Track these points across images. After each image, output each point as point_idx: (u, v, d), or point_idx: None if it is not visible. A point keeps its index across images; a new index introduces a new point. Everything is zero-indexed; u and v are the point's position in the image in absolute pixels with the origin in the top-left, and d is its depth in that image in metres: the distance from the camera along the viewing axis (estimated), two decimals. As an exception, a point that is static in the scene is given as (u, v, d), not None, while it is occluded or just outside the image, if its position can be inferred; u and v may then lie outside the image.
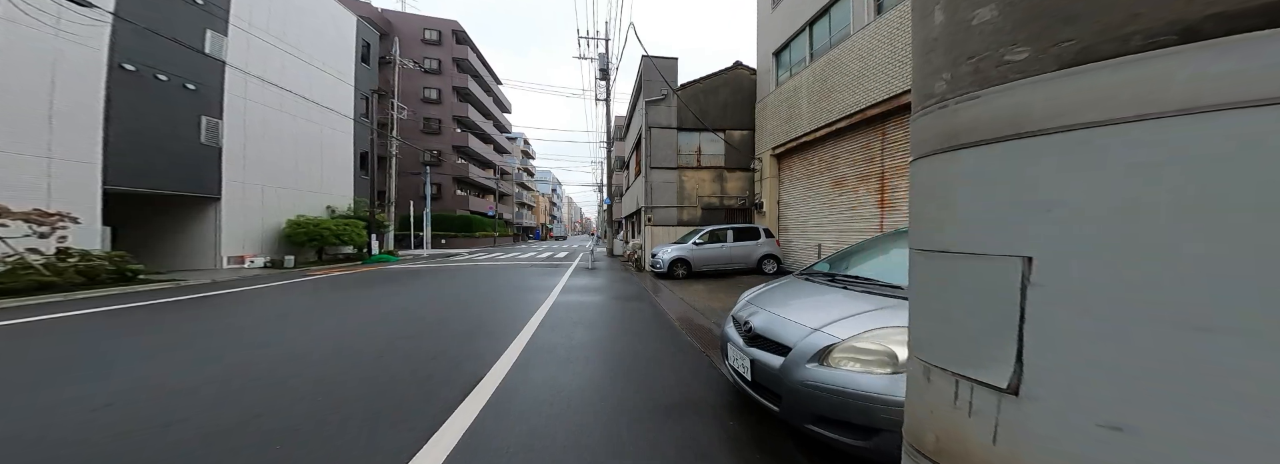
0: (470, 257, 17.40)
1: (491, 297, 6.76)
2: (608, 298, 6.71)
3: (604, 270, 11.69)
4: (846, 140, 7.79)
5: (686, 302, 6.25)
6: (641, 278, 9.79)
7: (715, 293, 7.06)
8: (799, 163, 9.49)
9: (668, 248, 9.56)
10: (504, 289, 7.73)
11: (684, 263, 9.26)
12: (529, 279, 9.42)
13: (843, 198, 7.89)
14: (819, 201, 8.71)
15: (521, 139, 56.26)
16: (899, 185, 6.48)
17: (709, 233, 9.50)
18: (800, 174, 9.46)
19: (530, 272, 11.20)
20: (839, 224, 8.07)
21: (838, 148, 8.03)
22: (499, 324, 4.70)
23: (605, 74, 20.71)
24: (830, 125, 7.82)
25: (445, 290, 7.47)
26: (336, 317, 5.25)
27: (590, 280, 9.19)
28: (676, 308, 5.75)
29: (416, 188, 23.49)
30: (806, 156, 9.18)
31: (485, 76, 35.18)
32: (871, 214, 7.09)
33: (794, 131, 9.16)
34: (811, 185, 9.01)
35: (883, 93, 6.44)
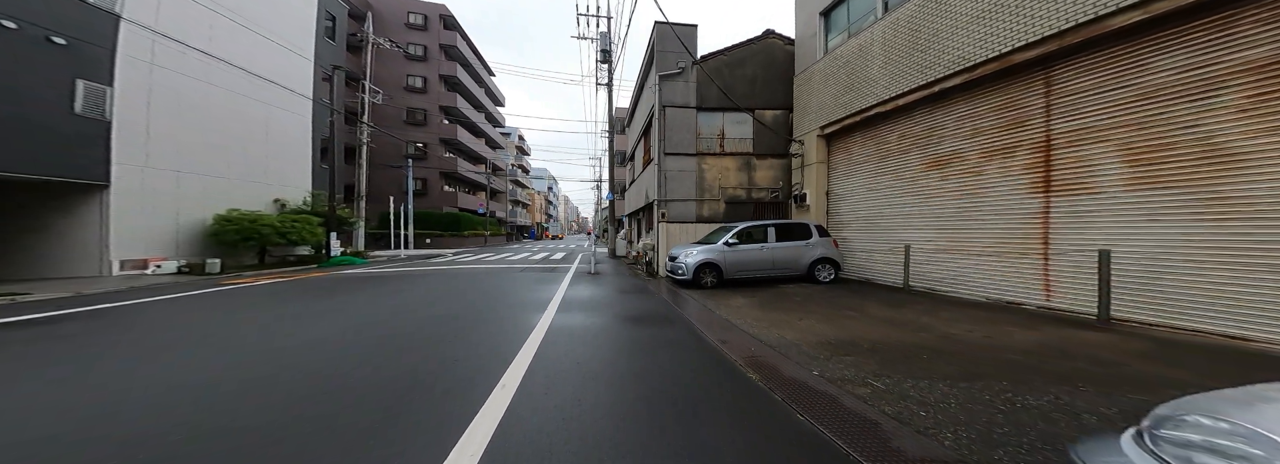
0: (454, 258, 15.44)
1: (458, 319, 4.86)
2: (625, 321, 4.84)
3: (609, 275, 9.81)
4: (960, 103, 5.81)
5: (739, 327, 4.39)
6: (657, 286, 7.93)
7: (772, 311, 5.20)
8: (864, 143, 7.63)
9: (691, 249, 7.69)
10: (480, 306, 5.83)
11: (713, 268, 7.40)
12: (517, 289, 7.52)
13: (950, 183, 6.01)
14: (900, 190, 6.84)
15: (516, 135, 54.31)
16: (1083, 155, 4.46)
17: (744, 231, 7.64)
18: (866, 156, 7.61)
19: (520, 278, 9.29)
20: (942, 216, 6.13)
21: (942, 115, 6.08)
22: (454, 379, 2.82)
23: (607, 56, 18.86)
24: (930, 87, 5.92)
25: (398, 308, 5.55)
26: (175, 363, 3.34)
27: (595, 290, 7.31)
28: (732, 339, 3.88)
29: (398, 182, 21.50)
30: (877, 134, 7.30)
31: (476, 66, 33.26)
32: (1020, 200, 5.06)
33: (856, 103, 7.31)
34: (885, 169, 7.16)
35: (1053, 22, 4.37)
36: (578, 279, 9.00)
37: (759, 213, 10.45)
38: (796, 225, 7.66)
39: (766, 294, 6.53)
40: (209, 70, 11.28)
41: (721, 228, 8.58)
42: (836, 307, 5.32)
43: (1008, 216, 5.25)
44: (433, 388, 2.66)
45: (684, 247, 8.29)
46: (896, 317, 4.67)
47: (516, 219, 49.22)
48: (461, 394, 2.55)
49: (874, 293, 6.38)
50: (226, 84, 11.67)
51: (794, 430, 2.08)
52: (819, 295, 6.23)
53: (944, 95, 5.89)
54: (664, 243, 10.08)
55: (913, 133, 6.54)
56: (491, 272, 10.56)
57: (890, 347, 3.51)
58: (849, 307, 5.31)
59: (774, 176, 10.39)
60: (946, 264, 5.97)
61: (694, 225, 10.17)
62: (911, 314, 4.77)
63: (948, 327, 4.16)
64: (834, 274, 7.37)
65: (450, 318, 4.79)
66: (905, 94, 6.26)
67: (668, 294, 6.93)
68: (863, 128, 7.53)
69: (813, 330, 4.08)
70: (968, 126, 5.70)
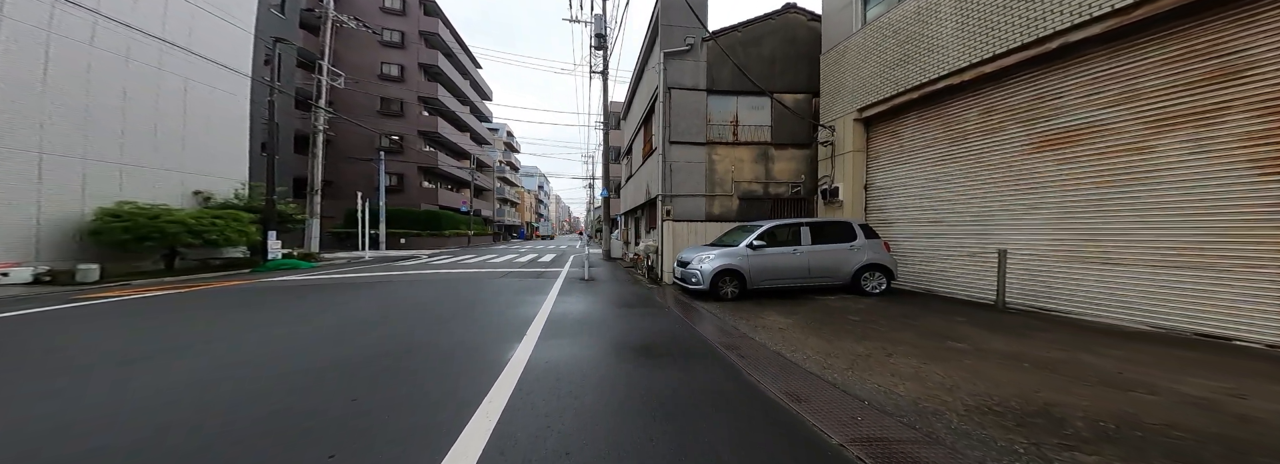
0: (427, 261, 13.87)
1: (389, 361, 3.44)
2: (635, 355, 3.50)
3: (605, 282, 8.46)
4: (1098, 59, 4.34)
5: (803, 367, 3.10)
6: (663, 296, 6.63)
7: (834, 337, 3.91)
8: (923, 124, 6.31)
9: (706, 253, 6.39)
10: (434, 333, 4.42)
11: (734, 276, 6.11)
12: (492, 303, 6.11)
13: (1080, 167, 4.54)
14: (986, 179, 5.47)
15: (504, 131, 52.49)
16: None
17: (771, 231, 6.37)
18: (926, 140, 6.28)
19: (499, 287, 7.87)
20: (1066, 212, 4.66)
21: (1059, 80, 4.67)
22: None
23: (602, 41, 17.53)
24: (1043, 43, 4.54)
25: (307, 340, 4.09)
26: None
27: (589, 303, 5.95)
28: (807, 394, 2.58)
29: (370, 177, 19.73)
30: (945, 112, 5.97)
31: (460, 57, 31.56)
32: (1229, 186, 3.61)
33: (910, 78, 6.07)
34: (958, 155, 5.83)
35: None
36: (569, 287, 7.62)
37: (777, 211, 9.22)
38: (836, 225, 6.43)
39: (808, 310, 5.25)
40: (96, 30, 9.40)
41: (740, 227, 7.30)
42: (923, 333, 4.02)
43: (1202, 211, 3.74)
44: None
45: (696, 250, 6.99)
46: (1037, 354, 3.28)
47: (504, 218, 47.43)
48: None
49: (953, 311, 5.06)
50: (113, 46, 9.65)
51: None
52: (880, 313, 4.96)
53: (1066, 52, 4.51)
54: (669, 245, 8.77)
55: (1006, 106, 5.20)
56: (466, 278, 9.08)
57: (1126, 423, 2.09)
58: (940, 333, 4.01)
59: (795, 169, 9.17)
60: (1073, 276, 4.54)
61: (703, 224, 8.89)
62: (1055, 350, 3.39)
63: (1169, 381, 2.67)
64: (886, 284, 6.13)
65: (375, 361, 3.20)
66: (995, 59, 4.98)
67: (680, 308, 5.61)
68: (922, 106, 6.29)
69: (931, 378, 2.77)
70: (1112, 90, 4.26)
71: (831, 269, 6.15)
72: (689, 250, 7.12)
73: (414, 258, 15.27)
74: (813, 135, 9.02)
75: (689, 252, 7.01)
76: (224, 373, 2.97)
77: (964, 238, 5.84)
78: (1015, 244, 5.14)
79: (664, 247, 9.02)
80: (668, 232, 8.83)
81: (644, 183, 11.86)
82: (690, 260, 6.56)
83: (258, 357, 3.35)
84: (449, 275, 9.48)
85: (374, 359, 3.26)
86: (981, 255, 5.56)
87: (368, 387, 2.69)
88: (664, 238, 9.03)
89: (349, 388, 2.67)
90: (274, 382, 2.78)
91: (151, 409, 2.35)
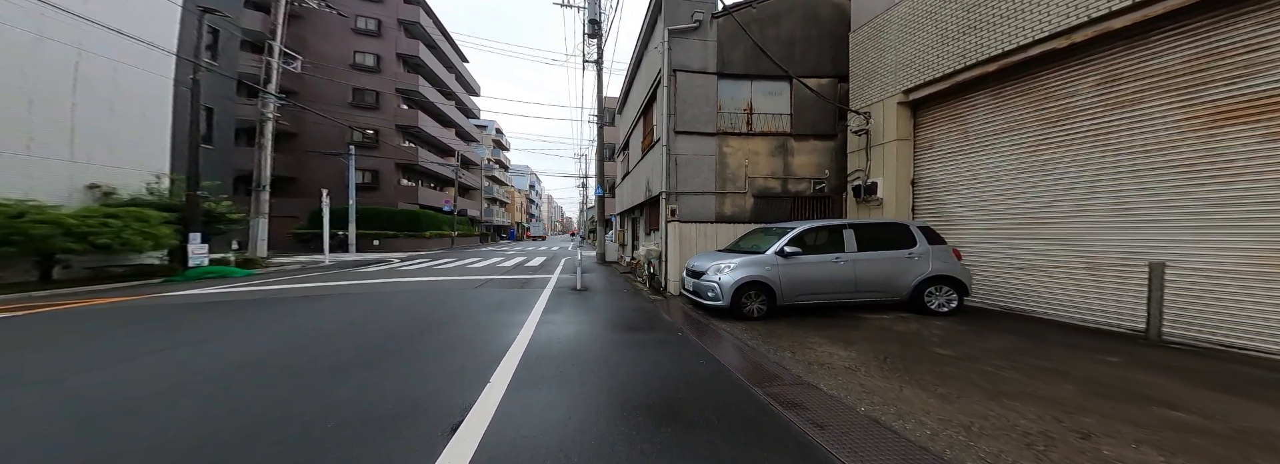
0: (397, 266, 12.48)
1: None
2: (660, 428, 2.31)
3: (601, 293, 7.25)
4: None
5: (926, 446, 1.92)
6: (671, 311, 5.51)
7: (935, 383, 2.79)
8: (999, 104, 5.13)
9: (725, 261, 5.25)
10: (348, 389, 3.17)
11: (762, 290, 4.98)
12: (450, 327, 4.87)
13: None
14: (1115, 168, 4.32)
15: (493, 128, 50.91)
16: None
17: (804, 234, 5.24)
18: (1007, 122, 5.10)
19: (469, 300, 6.61)
20: (1269, 206, 3.45)
21: (1251, 27, 3.53)
22: None
23: (596, 27, 16.38)
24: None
25: (111, 423, 2.82)
26: None
27: (583, 326, 4.75)
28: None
29: (341, 173, 18.17)
30: (1035, 86, 4.82)
31: (445, 49, 30.09)
32: None
33: (981, 48, 4.92)
34: (1055, 139, 4.69)
35: None
36: (557, 302, 6.39)
37: (798, 211, 8.13)
38: (889, 227, 5.32)
39: (869, 337, 4.11)
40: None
41: (762, 230, 6.17)
42: (1087, 384, 2.81)
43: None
44: None
45: (710, 257, 5.83)
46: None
47: (493, 218, 45.83)
48: None
49: (1083, 343, 3.84)
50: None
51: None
52: (974, 344, 3.81)
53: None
54: (674, 249, 7.60)
55: (1146, 71, 4.05)
56: (434, 289, 7.75)
57: None
58: (1116, 384, 2.82)
59: (818, 163, 8.09)
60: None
61: (713, 226, 7.74)
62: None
63: None
64: (957, 301, 5.00)
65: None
66: (1137, 7, 3.81)
67: (696, 331, 4.46)
68: (999, 81, 5.17)
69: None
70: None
71: (885, 282, 5.03)
72: (702, 258, 5.96)
73: (384, 262, 13.82)
74: (839, 125, 7.95)
75: (702, 259, 5.85)
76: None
77: (1074, 244, 4.62)
78: (1176, 253, 3.91)
79: (668, 252, 7.85)
80: (673, 234, 7.66)
81: (643, 179, 10.69)
82: (705, 270, 5.39)
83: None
84: (417, 286, 8.15)
85: (253, 436, 2.00)
86: (1107, 268, 4.35)
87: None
88: (668, 242, 7.86)
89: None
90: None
91: None
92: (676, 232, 7.60)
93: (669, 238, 7.84)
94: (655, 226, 10.06)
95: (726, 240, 7.57)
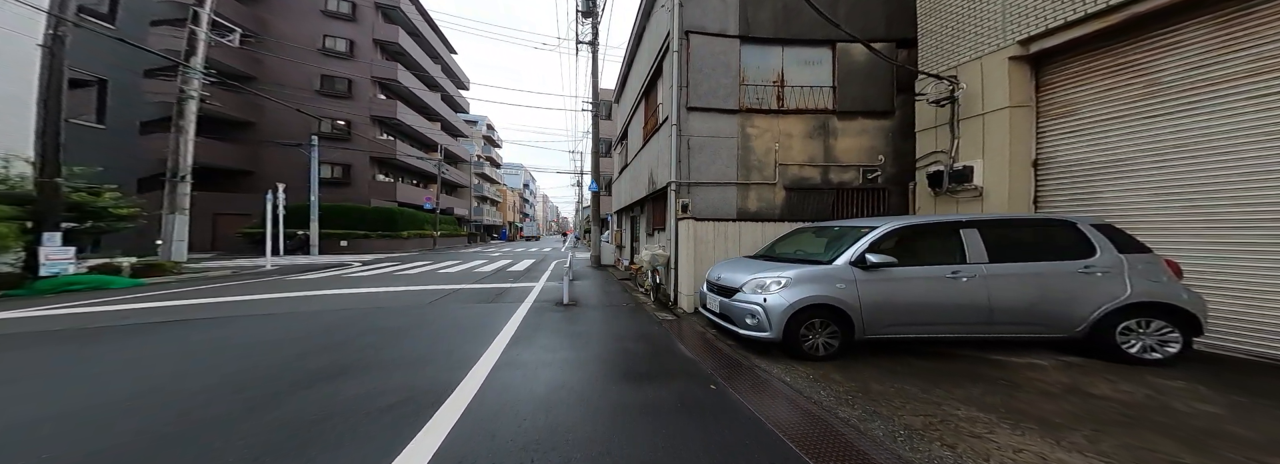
0: (354, 271, 10.83)
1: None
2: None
3: (594, 309, 5.66)
4: None
5: None
6: (691, 343, 3.96)
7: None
8: (1246, 36, 3.39)
9: (770, 274, 3.76)
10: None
11: (832, 317, 3.45)
12: (346, 373, 3.29)
13: None
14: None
15: (484, 123, 49.18)
16: None
17: (895, 236, 3.65)
18: (1248, 62, 3.38)
19: (412, 323, 5.03)
20: None
21: None
22: None
23: (592, 4, 14.87)
24: None
25: None
26: None
27: (565, 369, 3.23)
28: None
29: (305, 167, 16.43)
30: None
31: (429, 37, 28.42)
32: None
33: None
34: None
35: None
36: (535, 323, 4.81)
37: (844, 206, 6.61)
38: (1041, 225, 3.68)
39: (1062, 408, 2.57)
40: None
41: (814, 230, 4.64)
42: None
43: None
44: None
45: (740, 266, 4.30)
46: None
47: (483, 218, 44.10)
48: None
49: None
50: None
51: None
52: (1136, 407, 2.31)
53: None
54: (687, 254, 6.04)
55: None
56: (372, 307, 6.11)
57: None
58: None
59: (869, 147, 6.58)
60: None
61: (735, 225, 6.20)
62: None
63: None
64: (1180, 343, 3.24)
65: None
66: None
67: (737, 382, 2.97)
68: (1218, 4, 3.44)
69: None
70: None
71: (1044, 311, 3.36)
72: (729, 267, 4.41)
73: (342, 266, 12.12)
74: (898, 99, 6.45)
75: (730, 269, 4.31)
76: None
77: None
78: None
79: (679, 257, 6.29)
80: (685, 234, 6.10)
81: (645, 170, 9.14)
82: (738, 285, 3.85)
83: None
84: (349, 301, 6.49)
85: None
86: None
87: None
88: (679, 244, 6.31)
89: None
90: None
91: None
92: (689, 231, 6.04)
93: (679, 239, 6.29)
94: (660, 225, 8.51)
95: (752, 243, 6.05)
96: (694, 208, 6.61)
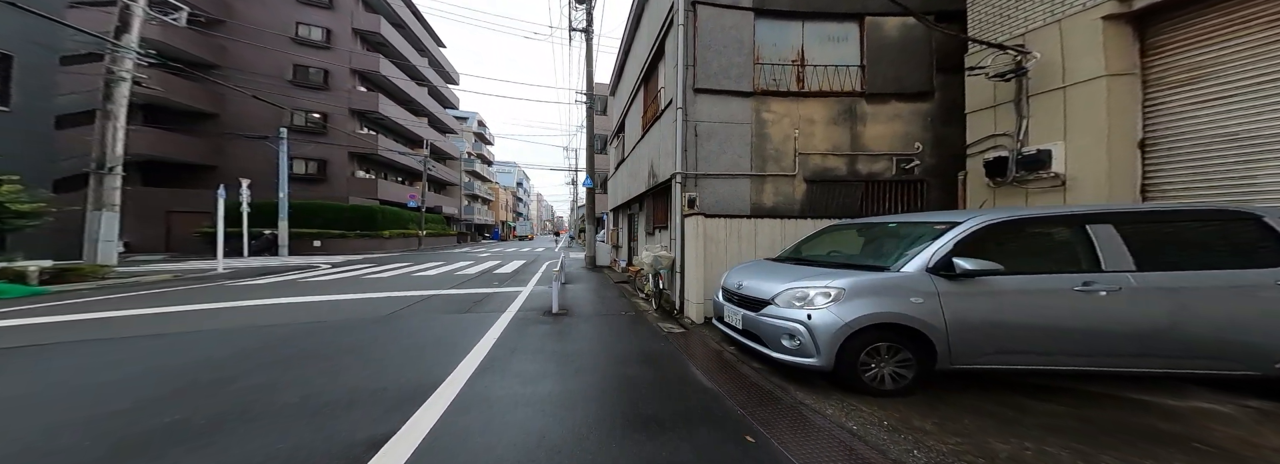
0: (317, 275, 9.84)
1: None
2: None
3: (587, 320, 4.80)
4: None
5: None
6: (706, 362, 3.11)
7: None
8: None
9: (812, 283, 2.95)
10: None
11: (904, 340, 2.61)
12: (234, 425, 2.34)
13: None
14: None
15: (474, 120, 47.98)
16: None
17: (998, 228, 2.77)
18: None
19: (355, 345, 4.17)
20: None
21: None
22: None
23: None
24: None
25: None
26: None
27: (550, 410, 2.37)
28: None
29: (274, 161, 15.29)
30: None
31: (414, 28, 27.30)
32: None
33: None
34: None
35: None
36: (515, 340, 3.95)
37: (875, 200, 5.83)
38: (1210, 219, 2.75)
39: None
40: None
41: (864, 227, 3.85)
42: None
43: None
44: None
45: (763, 271, 3.51)
46: None
47: (474, 217, 42.92)
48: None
49: None
50: None
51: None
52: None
53: None
54: (695, 254, 5.20)
55: None
56: (321, 320, 5.19)
57: None
58: None
59: (903, 133, 5.80)
60: None
61: (749, 222, 5.39)
62: None
63: None
64: None
65: None
66: None
67: (779, 431, 2.13)
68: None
69: None
70: None
71: (1230, 340, 2.50)
72: (750, 272, 3.61)
73: (309, 268, 11.10)
74: (939, 79, 5.67)
75: (753, 274, 3.51)
76: None
77: None
78: None
79: (685, 258, 5.46)
80: (693, 233, 5.26)
81: (645, 163, 8.31)
82: (768, 296, 3.06)
83: None
84: (298, 313, 5.53)
85: None
86: None
87: None
88: (685, 244, 5.48)
89: None
90: None
91: None
92: (698, 229, 5.21)
93: (686, 238, 5.45)
94: (661, 223, 7.68)
95: (769, 243, 5.26)
96: (702, 203, 5.79)
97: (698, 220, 5.26)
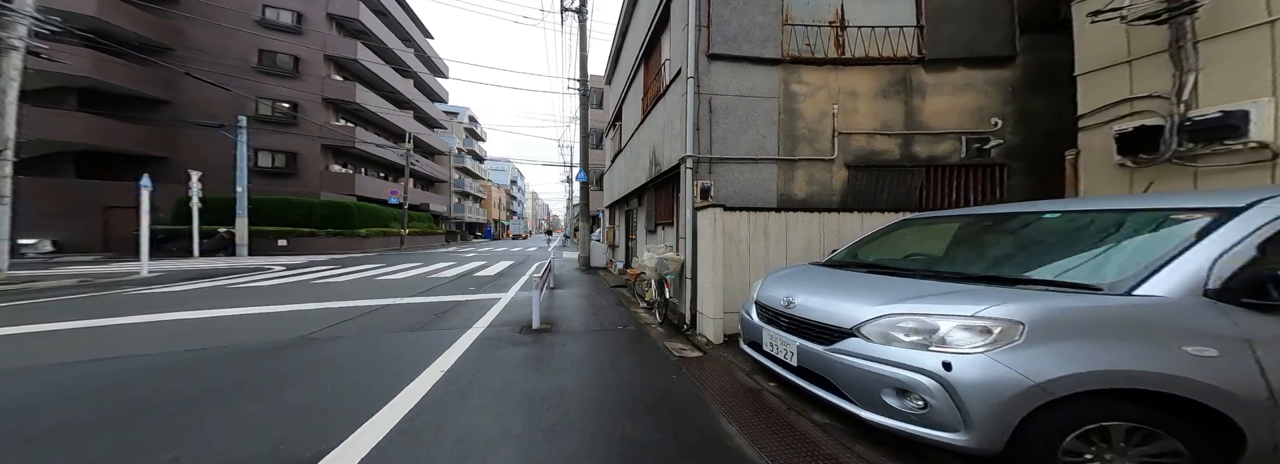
0: (263, 279, 8.58)
1: None
2: None
3: (577, 338, 3.63)
4: None
5: None
6: (743, 416, 1.95)
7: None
8: None
9: (936, 308, 1.88)
10: None
11: (1179, 422, 1.50)
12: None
13: None
14: None
15: (465, 114, 46.46)
16: None
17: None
18: None
19: (230, 388, 2.91)
20: None
21: None
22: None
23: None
24: None
25: None
26: None
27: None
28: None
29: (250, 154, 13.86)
30: None
31: (397, 16, 25.92)
32: None
33: None
34: None
35: None
36: (474, 373, 2.80)
37: (939, 190, 4.72)
38: None
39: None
40: None
41: (999, 218, 2.78)
42: None
43: None
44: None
45: (824, 281, 2.44)
46: None
47: (464, 215, 41.43)
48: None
49: None
50: None
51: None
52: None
53: None
54: (713, 257, 4.06)
55: None
56: (226, 344, 3.98)
57: None
58: None
59: (977, 108, 4.70)
60: None
61: (778, 215, 4.27)
62: None
63: None
64: None
65: None
66: None
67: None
68: None
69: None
70: None
71: None
72: (803, 283, 2.56)
73: (259, 272, 9.77)
74: (1023, 40, 4.56)
75: (809, 286, 2.47)
76: None
77: None
78: None
79: (697, 261, 4.34)
80: (708, 230, 4.11)
81: (646, 150, 7.15)
82: (848, 324, 1.98)
83: None
84: (196, 331, 4.29)
85: None
86: None
87: None
88: (697, 244, 4.35)
89: None
90: None
91: None
92: (714, 226, 4.07)
93: (699, 237, 4.31)
94: (665, 219, 6.54)
95: (804, 243, 4.20)
96: (718, 193, 4.66)
97: (714, 214, 4.12)
